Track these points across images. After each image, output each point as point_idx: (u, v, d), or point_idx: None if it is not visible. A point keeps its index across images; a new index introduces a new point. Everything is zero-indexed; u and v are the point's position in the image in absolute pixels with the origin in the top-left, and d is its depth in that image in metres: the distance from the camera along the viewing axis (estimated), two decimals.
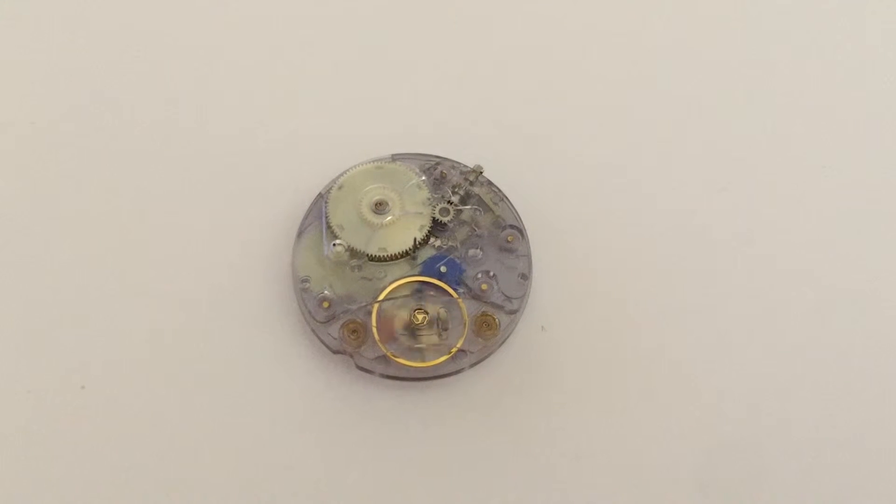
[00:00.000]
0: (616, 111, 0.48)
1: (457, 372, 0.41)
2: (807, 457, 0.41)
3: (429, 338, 0.41)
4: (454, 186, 0.44)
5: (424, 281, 0.42)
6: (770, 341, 0.43)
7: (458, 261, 0.42)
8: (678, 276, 0.44)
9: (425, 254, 0.42)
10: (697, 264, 0.44)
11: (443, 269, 0.42)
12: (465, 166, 0.44)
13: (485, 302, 0.42)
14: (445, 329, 0.41)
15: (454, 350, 0.41)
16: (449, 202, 0.43)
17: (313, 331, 0.42)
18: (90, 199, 0.45)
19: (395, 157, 0.44)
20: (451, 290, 0.41)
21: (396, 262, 0.42)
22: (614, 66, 0.49)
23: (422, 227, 0.42)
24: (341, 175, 0.44)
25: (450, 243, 0.43)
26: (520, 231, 0.43)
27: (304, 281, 0.42)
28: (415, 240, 0.42)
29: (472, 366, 0.42)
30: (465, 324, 0.41)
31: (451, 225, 0.43)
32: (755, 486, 0.40)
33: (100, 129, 0.46)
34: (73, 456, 0.40)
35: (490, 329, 0.41)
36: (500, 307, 0.42)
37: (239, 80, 0.48)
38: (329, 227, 0.42)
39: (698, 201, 0.46)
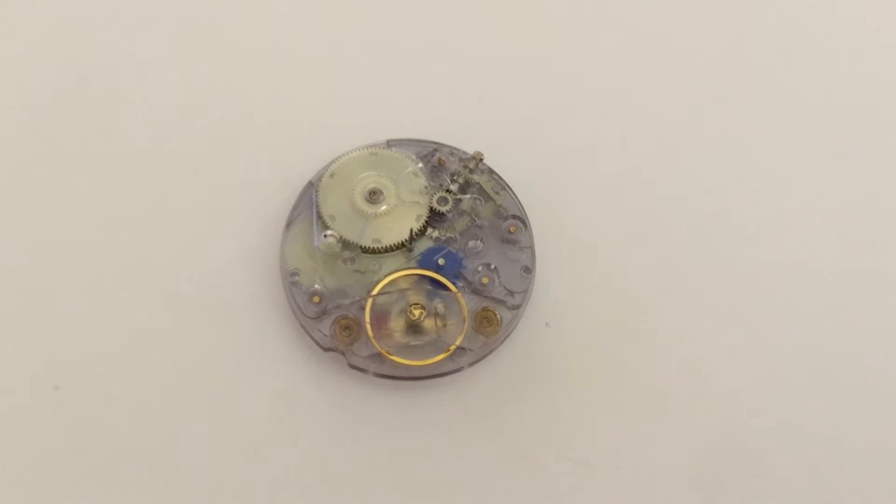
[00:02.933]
0: (625, 96, 0.47)
1: (455, 371, 0.41)
2: (815, 459, 0.41)
3: (426, 335, 0.40)
4: (453, 174, 0.43)
5: (421, 274, 0.41)
6: (782, 339, 0.43)
7: (457, 253, 0.42)
8: (688, 270, 0.44)
9: (422, 245, 0.42)
10: (708, 257, 0.44)
11: (441, 261, 0.42)
12: (465, 153, 0.44)
13: (485, 296, 0.41)
14: (443, 325, 0.40)
15: (453, 348, 0.40)
16: (447, 191, 0.43)
17: (303, 327, 0.41)
18: (67, 188, 0.44)
19: (390, 143, 0.44)
20: (449, 284, 0.41)
21: (391, 254, 0.42)
22: (622, 50, 0.48)
23: (418, 217, 0.42)
24: (333, 162, 0.43)
25: (448, 234, 0.42)
26: (522, 221, 0.43)
27: (294, 274, 0.41)
28: (411, 231, 0.42)
29: (471, 364, 0.41)
30: (464, 320, 0.41)
31: (449, 215, 0.42)
32: (767, 487, 0.40)
33: (78, 113, 0.46)
34: (46, 462, 0.40)
35: (491, 325, 0.41)
36: (501, 302, 0.41)
37: (225, 62, 0.47)
38: (320, 217, 0.42)
39: (710, 193, 0.45)
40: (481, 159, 0.43)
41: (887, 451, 0.41)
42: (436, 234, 0.42)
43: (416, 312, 0.40)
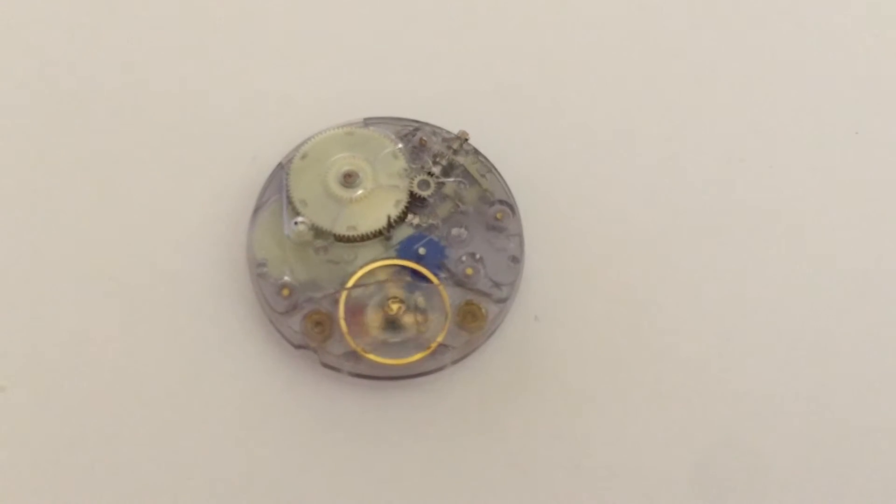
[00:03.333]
0: (621, 71, 0.47)
1: (437, 370, 0.41)
2: (817, 459, 0.41)
3: (405, 331, 0.40)
4: (435, 155, 0.43)
5: (400, 265, 0.41)
6: (783, 331, 0.42)
7: (439, 241, 0.41)
8: (687, 259, 0.43)
9: (401, 233, 0.42)
10: (710, 245, 0.44)
11: (421, 250, 0.41)
12: (449, 132, 0.43)
13: (470, 289, 0.41)
14: (424, 320, 0.40)
15: (434, 345, 0.40)
16: (429, 173, 0.42)
17: (271, 322, 0.41)
18: (11, 172, 0.43)
19: (367, 122, 0.43)
20: (430, 276, 0.41)
21: (368, 242, 0.41)
22: (618, 23, 0.48)
23: (398, 202, 0.41)
24: (305, 142, 0.43)
25: (430, 221, 0.42)
26: (510, 207, 0.42)
27: (261, 265, 0.41)
28: (389, 217, 0.41)
29: (454, 363, 0.41)
30: (446, 314, 0.40)
31: (431, 200, 0.42)
32: (762, 486, 0.40)
33: (28, 91, 0.45)
34: None
35: (476, 320, 0.40)
36: (487, 295, 0.41)
37: (187, 31, 0.47)
38: (290, 202, 0.41)
39: (713, 175, 0.45)
40: (466, 139, 0.43)
41: (889, 451, 0.41)
42: (416, 220, 0.42)
43: (395, 307, 0.40)
